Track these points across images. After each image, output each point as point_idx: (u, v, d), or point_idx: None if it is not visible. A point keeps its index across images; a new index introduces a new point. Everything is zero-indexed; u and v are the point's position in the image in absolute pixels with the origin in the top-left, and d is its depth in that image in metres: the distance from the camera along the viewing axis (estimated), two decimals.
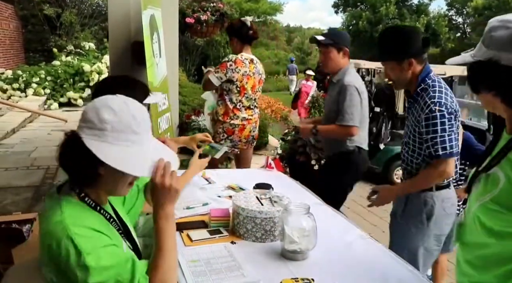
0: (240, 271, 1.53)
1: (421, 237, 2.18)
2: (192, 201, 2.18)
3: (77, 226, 1.10)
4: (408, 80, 2.18)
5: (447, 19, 32.72)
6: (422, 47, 2.14)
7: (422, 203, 2.16)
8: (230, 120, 3.60)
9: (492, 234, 1.19)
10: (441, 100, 2.05)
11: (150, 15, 3.83)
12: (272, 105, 11.85)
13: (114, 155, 1.10)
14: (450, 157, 2.05)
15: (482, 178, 1.24)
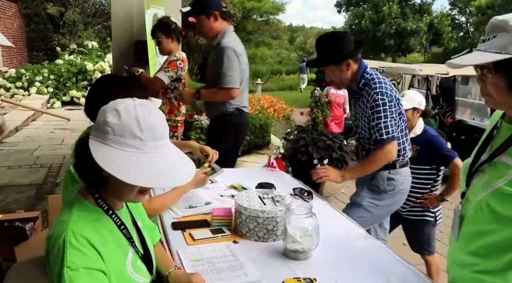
0: (242, 270, 1.53)
1: (380, 209, 2.50)
2: (195, 200, 2.18)
3: (76, 235, 1.07)
4: (349, 79, 2.43)
5: (450, 19, 32.60)
6: (355, 48, 2.40)
7: (386, 178, 2.46)
8: (174, 117, 3.72)
9: (502, 220, 1.22)
10: (382, 90, 2.34)
11: (153, 14, 3.83)
12: (275, 104, 11.83)
13: (111, 159, 1.06)
14: (392, 140, 2.34)
15: (486, 167, 1.28)
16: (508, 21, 1.17)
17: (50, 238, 1.10)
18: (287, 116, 10.65)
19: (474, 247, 1.31)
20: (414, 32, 28.72)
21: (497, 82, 1.20)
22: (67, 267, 1.03)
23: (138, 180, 1.06)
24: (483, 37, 1.22)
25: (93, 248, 1.09)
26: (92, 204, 1.17)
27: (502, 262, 1.24)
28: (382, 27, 28.52)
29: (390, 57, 30.65)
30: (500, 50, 1.16)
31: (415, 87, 8.01)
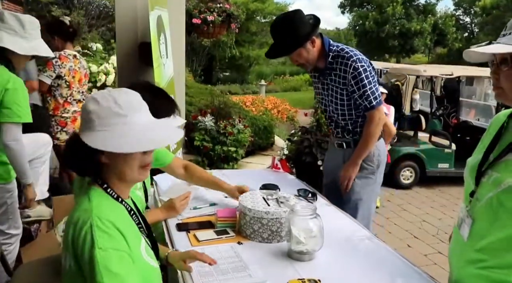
0: (246, 271, 1.53)
1: (373, 187, 2.52)
2: (199, 201, 2.19)
3: (102, 219, 1.13)
4: (317, 56, 2.35)
5: (455, 19, 32.50)
6: (313, 23, 2.29)
7: (370, 155, 2.47)
8: (61, 114, 3.86)
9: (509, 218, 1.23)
10: (359, 57, 2.29)
11: (157, 16, 3.84)
12: (279, 105, 11.84)
13: (103, 140, 1.15)
14: (380, 104, 2.35)
15: (496, 166, 1.30)
16: None
17: (76, 227, 1.14)
18: (291, 117, 10.66)
19: (484, 244, 1.30)
20: (418, 33, 28.67)
21: (510, 76, 1.21)
22: (98, 248, 1.09)
23: (134, 147, 1.17)
24: (504, 31, 1.26)
25: (118, 231, 1.14)
26: (103, 192, 1.24)
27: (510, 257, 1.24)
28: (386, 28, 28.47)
29: (394, 58, 30.57)
30: None
31: (419, 88, 7.99)
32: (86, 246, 1.10)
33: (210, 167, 5.30)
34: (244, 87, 20.10)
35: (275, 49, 2.39)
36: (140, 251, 1.23)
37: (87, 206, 1.17)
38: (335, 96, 2.39)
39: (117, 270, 1.10)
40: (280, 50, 2.38)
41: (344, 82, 2.31)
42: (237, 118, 5.71)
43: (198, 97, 7.00)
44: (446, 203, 5.80)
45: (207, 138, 5.40)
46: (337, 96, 2.38)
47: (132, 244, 1.19)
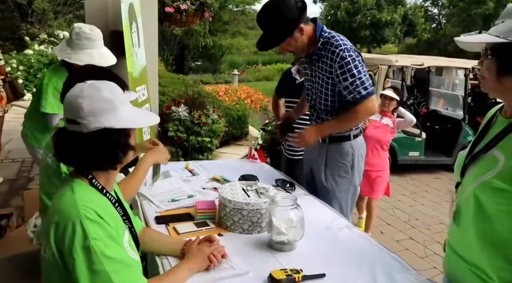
0: (228, 263, 1.52)
1: (347, 186, 2.41)
2: (177, 193, 2.16)
3: (88, 209, 1.13)
4: (307, 44, 2.27)
5: (423, 10, 33.14)
6: (301, 9, 2.18)
7: (344, 153, 2.37)
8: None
9: (485, 214, 1.25)
10: (347, 46, 2.20)
11: (129, 4, 3.74)
12: (252, 95, 11.81)
13: (137, 118, 1.26)
14: (372, 94, 2.21)
15: (478, 160, 1.31)
16: None
17: (60, 219, 1.13)
18: (264, 107, 10.65)
19: (464, 237, 1.34)
20: (388, 23, 29.10)
21: (490, 66, 1.24)
22: (93, 238, 1.10)
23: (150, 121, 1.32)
24: (496, 21, 1.26)
25: (102, 219, 1.15)
26: (88, 185, 1.23)
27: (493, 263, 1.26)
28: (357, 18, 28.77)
29: (366, 48, 30.95)
30: (500, 35, 1.18)
31: (390, 78, 8.12)
32: (77, 238, 1.09)
33: (185, 158, 5.25)
34: (216, 77, 19.94)
35: (264, 41, 2.31)
36: (123, 243, 1.22)
37: (70, 198, 1.16)
38: (320, 84, 2.32)
39: (115, 255, 1.13)
40: (269, 42, 2.31)
41: (330, 71, 2.23)
42: (211, 109, 5.66)
43: (170, 87, 6.89)
44: (417, 190, 5.96)
45: (181, 129, 5.33)
46: (323, 84, 2.31)
47: (118, 235, 1.20)
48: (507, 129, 1.26)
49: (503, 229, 1.23)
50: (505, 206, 1.21)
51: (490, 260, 1.27)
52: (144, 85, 4.03)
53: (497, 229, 1.24)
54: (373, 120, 3.97)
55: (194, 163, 2.81)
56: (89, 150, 1.19)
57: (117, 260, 1.13)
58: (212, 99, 6.80)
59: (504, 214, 1.22)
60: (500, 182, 1.21)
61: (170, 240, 1.67)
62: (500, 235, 1.24)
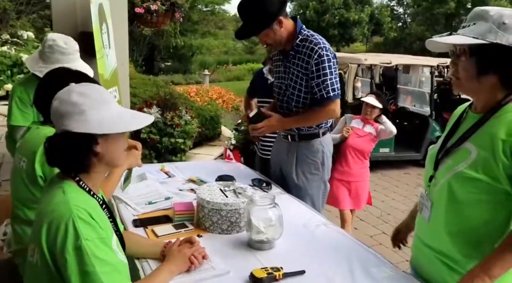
0: (209, 264, 1.53)
1: (318, 183, 2.46)
2: (154, 196, 2.15)
3: (81, 210, 1.13)
4: (285, 38, 2.30)
5: (389, 10, 33.88)
6: (281, 2, 2.23)
7: (314, 150, 2.42)
8: None
9: (457, 203, 1.34)
10: (326, 46, 2.26)
11: (99, 5, 3.68)
12: (223, 95, 11.80)
13: (103, 125, 1.19)
14: (338, 97, 2.29)
15: (451, 153, 1.39)
16: (489, 12, 1.28)
17: (52, 221, 1.13)
18: (236, 107, 10.66)
19: (442, 230, 1.40)
20: (356, 22, 29.60)
21: (468, 66, 1.30)
22: (84, 239, 1.10)
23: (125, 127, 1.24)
24: (464, 23, 1.33)
25: (95, 221, 1.16)
26: (76, 186, 1.23)
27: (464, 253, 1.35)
28: (326, 18, 29.13)
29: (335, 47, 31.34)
30: (478, 36, 1.25)
31: (359, 76, 8.27)
32: (69, 238, 1.09)
33: (158, 160, 5.20)
34: (187, 77, 19.79)
35: (242, 30, 2.34)
36: (112, 245, 1.22)
37: (62, 199, 1.16)
38: (294, 80, 2.34)
39: (106, 257, 1.14)
40: (247, 31, 2.34)
41: (306, 67, 2.27)
42: (183, 110, 5.63)
43: (142, 88, 6.81)
44: (388, 186, 6.10)
45: (153, 131, 5.27)
46: (297, 80, 2.33)
47: (108, 237, 1.20)
48: (478, 124, 1.34)
49: (474, 217, 1.33)
50: (476, 194, 1.30)
51: (460, 248, 1.36)
52: (116, 87, 3.98)
53: (468, 217, 1.33)
54: (355, 128, 3.77)
55: (169, 165, 2.79)
56: (59, 152, 1.21)
57: (107, 262, 1.14)
58: (184, 100, 6.77)
59: (476, 202, 1.31)
60: (472, 172, 1.29)
61: (149, 242, 1.66)
62: (471, 223, 1.33)
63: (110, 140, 1.23)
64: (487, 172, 1.27)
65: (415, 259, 1.60)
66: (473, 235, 1.34)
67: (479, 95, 1.36)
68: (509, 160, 1.25)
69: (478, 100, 1.39)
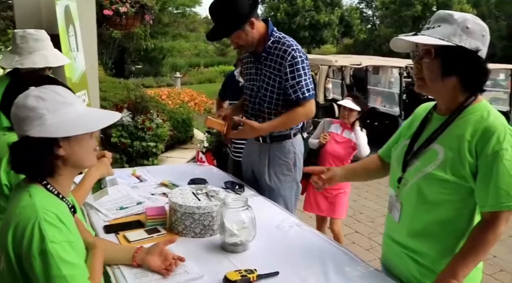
0: (182, 268, 1.51)
1: (291, 184, 2.48)
2: (125, 201, 2.11)
3: (47, 212, 1.11)
4: (257, 40, 2.30)
5: (359, 12, 34.48)
6: (252, 3, 2.23)
7: (286, 151, 2.43)
8: None
9: (428, 203, 1.37)
10: (299, 47, 2.29)
11: (65, 6, 3.60)
12: (195, 98, 11.74)
13: (62, 128, 1.16)
14: (313, 97, 2.34)
15: (419, 155, 1.42)
16: (453, 15, 1.32)
17: (18, 224, 1.10)
18: (209, 109, 10.63)
19: (411, 228, 1.44)
20: (326, 24, 29.96)
21: (432, 67, 1.33)
22: (50, 241, 1.08)
23: (84, 129, 1.20)
24: (428, 25, 1.37)
25: (63, 224, 1.14)
26: (44, 190, 1.20)
27: (432, 248, 1.40)
28: (296, 20, 29.36)
29: (305, 49, 31.68)
30: (444, 38, 1.29)
31: (330, 77, 8.38)
32: (35, 241, 1.07)
33: (129, 164, 5.12)
34: (158, 80, 19.58)
35: (214, 31, 2.32)
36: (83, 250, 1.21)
37: (29, 202, 1.14)
38: (267, 81, 2.34)
39: (73, 260, 1.12)
40: (219, 33, 2.32)
41: (279, 69, 2.28)
42: (155, 113, 5.57)
43: (112, 92, 6.69)
44: (360, 185, 6.18)
45: (124, 135, 5.20)
46: (269, 82, 2.33)
47: (77, 242, 1.19)
48: (444, 125, 1.38)
49: (441, 215, 1.37)
50: (445, 195, 1.34)
51: (428, 244, 1.40)
52: (85, 91, 3.90)
53: (435, 216, 1.38)
54: (334, 134, 3.58)
55: (141, 169, 2.75)
56: (22, 158, 1.18)
57: (75, 265, 1.11)
58: (155, 103, 6.69)
59: (443, 202, 1.35)
60: (441, 173, 1.33)
61: (120, 248, 1.63)
62: (438, 221, 1.38)
63: (74, 143, 1.20)
64: (454, 172, 1.32)
65: (385, 256, 1.64)
66: (440, 232, 1.39)
67: (443, 96, 1.41)
68: (474, 158, 1.30)
69: (442, 101, 1.43)
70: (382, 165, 1.73)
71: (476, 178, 1.31)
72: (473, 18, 1.33)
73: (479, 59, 1.31)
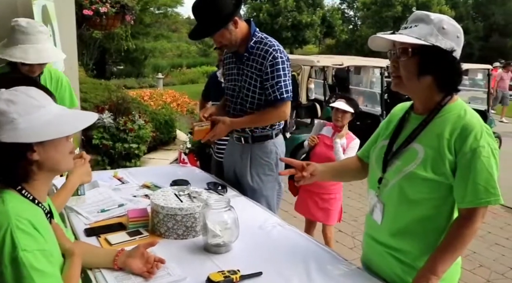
0: (165, 270, 1.50)
1: (273, 184, 2.48)
2: (106, 203, 2.09)
3: (20, 219, 1.08)
4: (239, 39, 2.30)
5: (340, 13, 34.77)
6: (236, 3, 2.24)
7: (268, 152, 2.44)
8: None
9: (410, 202, 1.39)
10: (280, 48, 2.30)
11: (42, 6, 3.54)
12: (178, 99, 11.65)
13: (35, 133, 1.12)
14: (289, 99, 2.33)
15: (399, 154, 1.44)
16: (430, 16, 1.34)
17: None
18: (191, 110, 10.55)
19: (396, 227, 1.45)
20: (309, 25, 30.12)
21: (409, 65, 1.35)
22: (22, 250, 1.05)
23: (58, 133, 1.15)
24: (405, 25, 1.39)
25: (37, 231, 1.11)
26: (18, 195, 1.17)
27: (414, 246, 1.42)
28: (279, 20, 29.44)
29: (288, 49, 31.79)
30: (421, 37, 1.31)
31: (312, 77, 8.42)
32: (6, 249, 1.04)
33: (111, 166, 5.06)
34: (140, 81, 19.40)
35: (197, 30, 2.31)
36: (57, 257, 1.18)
37: (1, 209, 1.10)
38: (248, 82, 2.34)
39: (46, 269, 1.09)
40: (203, 32, 2.30)
41: (260, 69, 2.29)
42: (137, 114, 5.51)
43: (93, 93, 6.60)
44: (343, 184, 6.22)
45: (106, 136, 5.13)
46: (251, 82, 2.34)
47: (53, 248, 1.16)
48: (423, 124, 1.41)
49: (422, 214, 1.40)
50: (427, 193, 1.37)
51: (410, 242, 1.43)
52: None
53: (417, 215, 1.40)
54: (324, 137, 3.49)
55: (122, 171, 2.72)
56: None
57: (47, 274, 1.08)
58: (137, 105, 6.62)
59: (425, 201, 1.38)
60: (422, 171, 1.35)
61: (101, 251, 1.61)
62: (419, 219, 1.40)
63: (49, 147, 1.16)
64: (435, 170, 1.34)
65: (365, 255, 1.66)
66: (421, 230, 1.41)
67: (419, 95, 1.43)
68: (453, 156, 1.34)
69: (419, 100, 1.45)
70: (362, 165, 1.74)
71: (455, 175, 1.33)
72: (448, 20, 1.35)
73: (454, 60, 1.34)
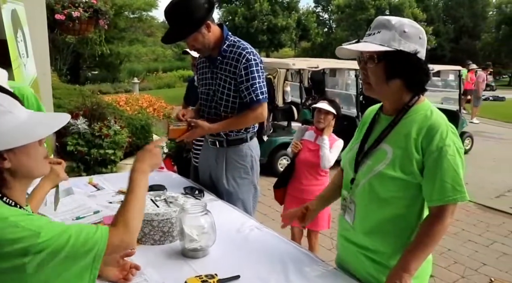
0: (142, 276, 1.49)
1: (249, 187, 2.50)
2: (82, 210, 2.06)
3: (14, 215, 1.04)
4: (213, 43, 2.31)
5: (315, 16, 35.11)
6: (208, 7, 2.24)
7: (243, 155, 2.46)
8: None
9: (380, 201, 1.43)
10: (253, 51, 2.33)
11: (12, 10, 3.47)
12: (154, 103, 11.55)
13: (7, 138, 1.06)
14: (265, 101, 2.35)
15: (369, 155, 1.47)
16: (391, 21, 1.37)
17: None
18: (168, 115, 10.48)
19: (368, 227, 1.49)
20: (284, 28, 30.28)
21: (376, 71, 1.39)
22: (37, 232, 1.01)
23: (27, 138, 1.09)
24: (369, 31, 1.42)
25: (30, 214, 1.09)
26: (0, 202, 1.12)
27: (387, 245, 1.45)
28: (254, 24, 29.50)
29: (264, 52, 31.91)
30: (384, 43, 1.34)
31: (289, 80, 8.49)
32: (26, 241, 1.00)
33: (87, 172, 4.97)
34: (115, 86, 19.17)
35: (170, 34, 2.30)
36: None
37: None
38: (223, 85, 2.35)
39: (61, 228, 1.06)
40: (176, 35, 2.30)
41: (234, 72, 2.30)
42: (112, 119, 5.44)
43: (67, 98, 6.48)
44: None
45: (81, 143, 5.04)
46: (225, 85, 2.34)
47: None
48: (392, 125, 1.44)
49: (393, 212, 1.43)
50: (395, 192, 1.40)
51: (382, 242, 1.46)
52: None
53: (388, 214, 1.43)
54: (307, 142, 3.36)
55: (98, 177, 2.69)
56: None
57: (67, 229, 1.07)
58: (113, 110, 6.53)
59: (394, 199, 1.41)
60: (391, 171, 1.38)
61: None
62: (390, 218, 1.43)
63: (20, 153, 1.10)
64: (403, 169, 1.38)
65: (340, 257, 1.69)
66: (393, 229, 1.45)
67: (389, 98, 1.47)
68: (420, 155, 1.37)
69: (389, 102, 1.49)
70: None
71: (423, 174, 1.37)
72: (409, 22, 1.39)
73: (419, 61, 1.37)
